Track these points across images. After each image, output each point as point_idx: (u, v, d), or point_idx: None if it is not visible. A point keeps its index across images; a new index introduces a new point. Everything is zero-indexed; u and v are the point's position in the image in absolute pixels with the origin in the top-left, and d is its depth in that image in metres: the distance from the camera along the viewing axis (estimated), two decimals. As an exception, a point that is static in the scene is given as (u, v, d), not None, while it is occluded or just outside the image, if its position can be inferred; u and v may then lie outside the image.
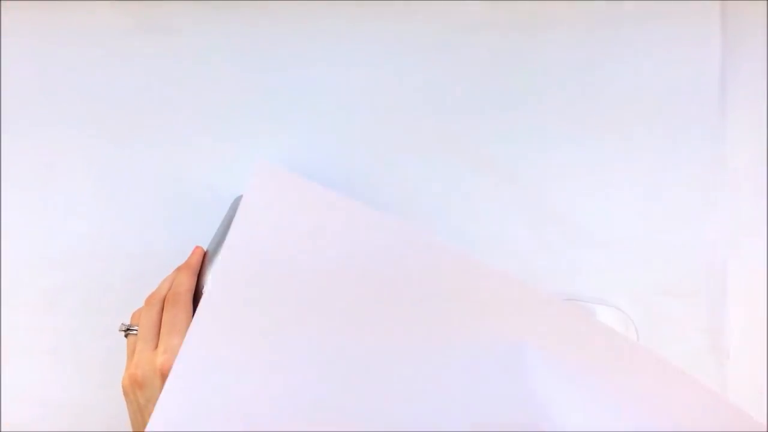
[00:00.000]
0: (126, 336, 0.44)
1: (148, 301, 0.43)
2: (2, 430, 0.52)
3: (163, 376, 0.38)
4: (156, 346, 0.41)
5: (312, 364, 0.33)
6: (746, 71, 0.50)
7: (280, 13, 0.51)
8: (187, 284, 0.43)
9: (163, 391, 0.35)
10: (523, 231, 0.51)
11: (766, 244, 0.51)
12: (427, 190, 0.51)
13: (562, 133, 0.51)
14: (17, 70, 0.52)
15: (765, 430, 0.33)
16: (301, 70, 0.52)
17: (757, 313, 0.51)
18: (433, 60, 0.51)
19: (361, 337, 0.33)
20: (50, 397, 0.52)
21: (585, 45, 0.51)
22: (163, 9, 0.51)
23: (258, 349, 0.33)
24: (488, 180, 0.51)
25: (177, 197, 0.52)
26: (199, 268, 0.45)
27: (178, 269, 0.45)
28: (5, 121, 0.52)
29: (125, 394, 0.41)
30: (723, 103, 0.50)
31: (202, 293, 0.42)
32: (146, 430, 0.34)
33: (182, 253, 0.46)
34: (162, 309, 0.43)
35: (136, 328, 0.43)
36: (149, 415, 0.37)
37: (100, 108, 0.52)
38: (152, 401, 0.38)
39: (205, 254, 0.46)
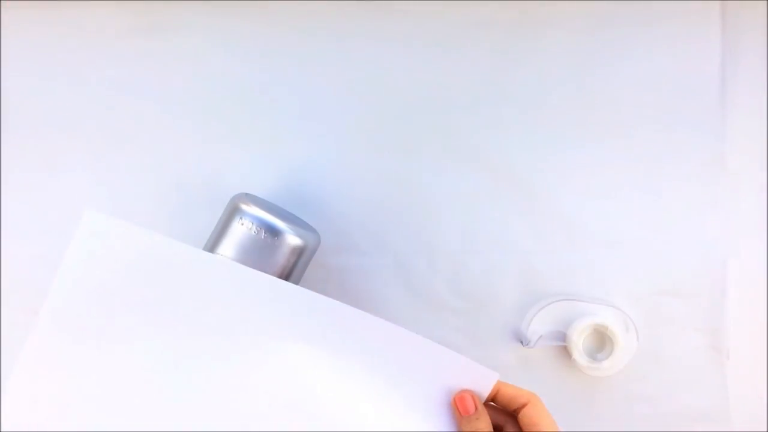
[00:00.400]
0: None
1: None
2: (2, 430, 0.52)
3: None
4: None
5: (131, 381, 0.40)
6: (746, 71, 0.50)
7: (280, 13, 0.51)
8: None
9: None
10: (523, 231, 0.51)
11: (766, 244, 0.51)
12: (427, 190, 0.51)
13: (561, 133, 0.51)
14: (17, 70, 0.52)
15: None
16: (300, 70, 0.52)
17: (757, 313, 0.51)
18: (432, 59, 0.51)
19: (174, 355, 0.40)
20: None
21: (585, 45, 0.51)
22: (163, 9, 0.51)
23: (85, 369, 0.40)
24: (488, 180, 0.51)
25: (176, 196, 0.52)
26: None
27: None
28: (5, 121, 0.52)
29: None
30: (723, 103, 0.50)
31: None
32: None
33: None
34: None
35: None
36: None
37: (100, 108, 0.52)
38: None
39: None
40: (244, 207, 0.44)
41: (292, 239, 0.44)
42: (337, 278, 0.51)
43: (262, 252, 0.44)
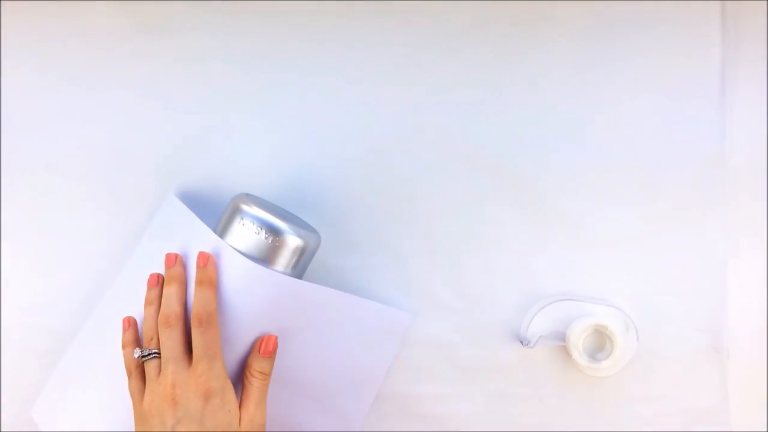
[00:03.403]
0: (143, 361, 0.43)
1: (166, 322, 0.42)
2: (2, 430, 0.52)
3: (206, 397, 0.40)
4: (189, 365, 0.41)
5: None
6: (746, 71, 0.50)
7: (280, 14, 0.51)
8: (214, 302, 0.43)
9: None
10: (523, 231, 0.51)
11: (766, 244, 0.51)
12: (427, 190, 0.52)
13: (562, 133, 0.51)
14: (17, 70, 0.52)
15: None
16: (300, 70, 0.52)
17: (757, 313, 0.51)
18: (433, 59, 0.51)
19: None
20: (50, 397, 0.52)
21: (585, 45, 0.51)
22: (163, 9, 0.51)
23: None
24: (488, 180, 0.51)
25: (177, 196, 0.52)
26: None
27: (200, 283, 0.43)
28: (5, 121, 0.52)
29: (149, 415, 0.41)
30: (723, 103, 0.50)
31: None
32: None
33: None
34: (183, 328, 0.43)
35: (155, 351, 0.43)
36: None
37: (100, 108, 0.52)
38: (183, 422, 0.39)
39: None
40: (245, 207, 0.44)
41: (293, 240, 0.44)
42: (337, 278, 0.52)
43: (263, 252, 0.44)
